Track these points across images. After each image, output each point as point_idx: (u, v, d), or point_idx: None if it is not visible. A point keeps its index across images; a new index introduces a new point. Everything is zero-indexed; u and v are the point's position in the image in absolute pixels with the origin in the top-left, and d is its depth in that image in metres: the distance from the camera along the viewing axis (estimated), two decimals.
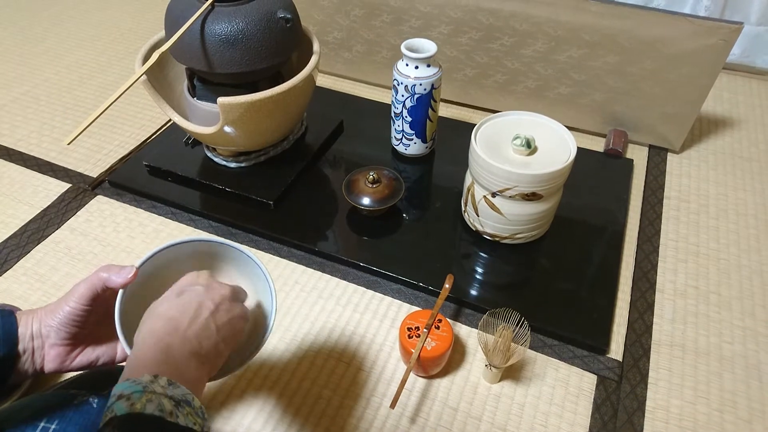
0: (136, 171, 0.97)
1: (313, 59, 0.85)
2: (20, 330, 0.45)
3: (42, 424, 0.43)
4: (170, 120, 0.88)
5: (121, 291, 0.46)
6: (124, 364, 0.50)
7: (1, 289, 0.80)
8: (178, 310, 0.43)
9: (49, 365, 0.46)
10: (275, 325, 0.75)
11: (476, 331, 0.74)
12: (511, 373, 0.70)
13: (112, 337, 0.50)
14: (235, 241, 0.51)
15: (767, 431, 0.64)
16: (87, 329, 0.48)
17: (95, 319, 0.48)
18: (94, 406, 0.46)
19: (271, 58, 0.80)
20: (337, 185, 0.94)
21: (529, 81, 1.04)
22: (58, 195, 0.95)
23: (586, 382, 0.69)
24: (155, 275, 0.49)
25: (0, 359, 0.43)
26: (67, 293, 0.46)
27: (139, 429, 0.33)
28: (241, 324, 0.47)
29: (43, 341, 0.46)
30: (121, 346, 0.50)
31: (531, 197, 0.73)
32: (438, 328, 0.67)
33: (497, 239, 0.81)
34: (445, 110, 1.13)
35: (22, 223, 0.90)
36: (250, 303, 0.53)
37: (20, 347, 0.45)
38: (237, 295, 0.48)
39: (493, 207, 0.76)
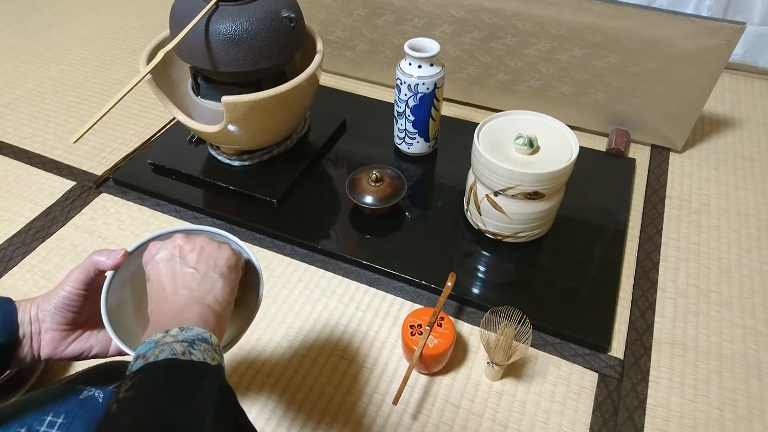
0: (140, 169, 0.98)
1: (317, 58, 0.86)
2: (19, 316, 0.45)
3: (48, 418, 0.43)
4: (174, 118, 0.89)
5: (110, 273, 0.47)
6: (120, 358, 0.50)
7: (7, 286, 0.81)
8: (157, 287, 0.43)
9: (44, 350, 0.46)
10: (279, 320, 0.76)
11: (478, 328, 0.74)
12: (513, 370, 0.70)
13: None
14: (238, 239, 0.51)
15: (767, 429, 0.65)
16: (83, 316, 0.48)
17: (92, 307, 0.48)
18: (100, 400, 0.46)
19: (274, 57, 0.81)
20: (339, 184, 0.94)
21: (531, 80, 1.04)
22: (63, 193, 0.96)
23: (588, 379, 0.69)
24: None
25: (1, 345, 0.44)
26: (63, 279, 0.47)
27: (152, 373, 0.34)
28: (212, 247, 0.46)
29: (39, 326, 0.46)
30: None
31: (533, 196, 0.73)
32: (440, 325, 0.67)
33: (499, 238, 0.82)
34: (447, 109, 1.13)
35: (27, 221, 0.91)
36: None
37: (20, 332, 0.45)
38: (188, 235, 0.48)
39: (495, 206, 0.77)
